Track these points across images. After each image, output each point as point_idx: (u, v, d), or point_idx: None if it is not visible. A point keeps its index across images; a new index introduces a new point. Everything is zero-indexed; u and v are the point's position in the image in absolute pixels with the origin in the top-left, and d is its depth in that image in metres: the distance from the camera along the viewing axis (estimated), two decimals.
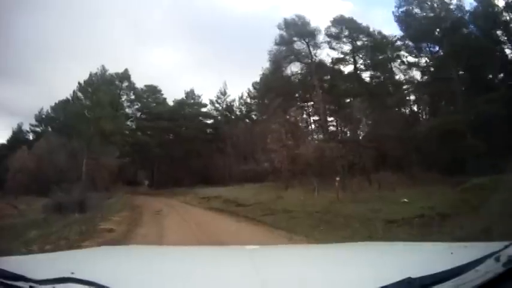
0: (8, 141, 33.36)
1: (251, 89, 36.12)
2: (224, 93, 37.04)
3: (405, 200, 10.01)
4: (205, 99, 37.84)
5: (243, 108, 37.81)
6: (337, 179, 14.74)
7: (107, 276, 1.06)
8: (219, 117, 37.22)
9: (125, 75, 34.61)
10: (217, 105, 37.49)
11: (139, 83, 36.33)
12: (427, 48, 21.73)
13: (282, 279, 1.18)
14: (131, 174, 38.72)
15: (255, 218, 10.88)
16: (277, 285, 1.12)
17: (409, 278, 0.92)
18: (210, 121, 38.02)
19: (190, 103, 37.50)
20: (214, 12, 54.80)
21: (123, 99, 35.65)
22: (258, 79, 32.22)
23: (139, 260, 1.68)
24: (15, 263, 1.32)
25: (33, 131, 35.02)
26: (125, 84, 35.26)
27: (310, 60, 25.07)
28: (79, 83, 29.96)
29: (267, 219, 10.30)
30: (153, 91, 37.25)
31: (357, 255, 1.70)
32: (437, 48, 21.12)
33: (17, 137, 33.67)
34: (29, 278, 1.00)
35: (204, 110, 37.81)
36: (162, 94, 37.75)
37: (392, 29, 37.82)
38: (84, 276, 1.00)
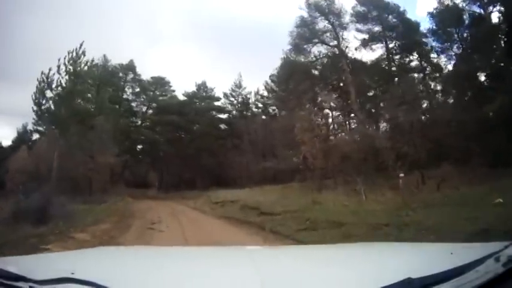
0: (12, 141, 32.35)
1: (268, 81, 32.30)
2: (239, 86, 33.11)
3: (500, 200, 7.33)
4: (218, 93, 34.24)
5: (260, 103, 33.84)
6: (401, 175, 11.60)
7: (107, 276, 1.06)
8: (234, 112, 33.54)
9: (130, 67, 31.95)
10: (231, 98, 33.56)
11: (146, 75, 33.37)
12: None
13: (282, 280, 1.18)
14: (141, 176, 36.51)
15: (289, 234, 7.68)
16: (277, 285, 1.12)
17: (409, 278, 0.92)
18: (224, 116, 34.43)
19: (202, 96, 33.83)
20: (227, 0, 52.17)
21: (127, 93, 32.92)
22: (274, 72, 29.40)
23: (139, 260, 1.68)
24: (15, 263, 1.32)
25: (37, 130, 33.92)
26: (130, 76, 32.37)
27: (336, 42, 22.20)
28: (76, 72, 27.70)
29: (307, 236, 7.15)
30: (160, 83, 33.92)
31: (357, 255, 1.70)
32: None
33: (22, 138, 32.67)
34: (29, 278, 1.00)
35: (217, 103, 34.23)
36: (171, 86, 34.31)
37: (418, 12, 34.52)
38: (84, 276, 1.00)
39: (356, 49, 22.09)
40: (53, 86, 19.35)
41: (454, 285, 0.92)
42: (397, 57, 22.17)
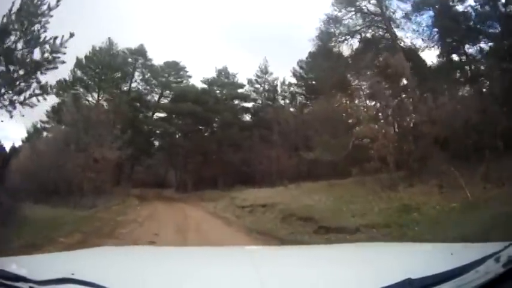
0: (22, 141, 30.67)
1: (296, 68, 28.27)
2: (265, 71, 28.97)
3: None
4: (241, 79, 29.82)
5: (287, 92, 29.32)
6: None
7: (107, 277, 1.06)
8: (260, 100, 29.43)
9: (140, 51, 28.33)
10: (257, 85, 29.30)
11: (159, 60, 29.49)
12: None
13: (281, 280, 1.18)
14: (160, 175, 33.57)
15: None
16: (277, 285, 1.12)
17: (409, 278, 0.92)
18: (248, 105, 30.17)
19: (223, 83, 29.44)
20: None
21: (137, 80, 29.01)
22: (303, 57, 26.40)
23: (139, 260, 1.68)
24: (15, 264, 1.32)
25: (44, 128, 29.57)
26: (140, 61, 28.62)
27: (380, 10, 19.51)
28: (77, 59, 23.72)
29: None
30: (175, 68, 29.91)
31: (357, 255, 1.70)
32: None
33: (32, 137, 30.63)
34: (29, 279, 1.00)
35: (240, 91, 29.94)
36: (187, 71, 30.12)
37: None
38: (84, 276, 1.00)
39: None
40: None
41: (454, 285, 0.92)
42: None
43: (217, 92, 29.38)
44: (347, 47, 21.09)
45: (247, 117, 30.21)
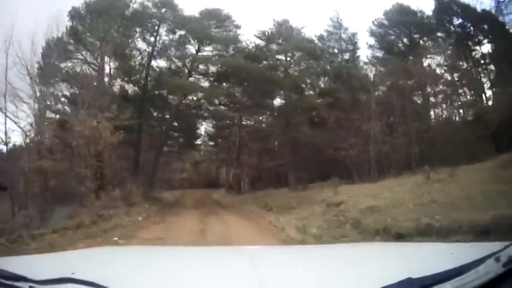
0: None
1: (373, 28, 21.51)
2: (338, 27, 21.85)
3: None
4: (308, 34, 21.82)
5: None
6: None
7: (107, 276, 1.06)
8: (340, 59, 21.89)
9: (166, 2, 19.86)
10: (330, 43, 22.04)
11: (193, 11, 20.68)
12: None
13: (281, 280, 1.18)
14: (211, 172, 27.83)
15: None
16: (277, 285, 1.12)
17: (410, 278, 0.92)
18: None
19: (287, 36, 21.14)
20: None
21: (162, 34, 20.03)
22: (381, 15, 20.69)
23: (139, 260, 1.68)
24: (15, 263, 1.33)
25: None
26: (167, 15, 19.84)
27: None
28: (73, 8, 17.54)
29: None
30: (216, 17, 20.81)
31: (357, 255, 1.70)
32: None
33: None
34: (29, 278, 1.00)
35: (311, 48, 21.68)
36: (234, 21, 20.97)
37: None
38: (84, 276, 1.00)
39: None
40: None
41: (454, 285, 0.92)
42: None
43: (281, 45, 21.32)
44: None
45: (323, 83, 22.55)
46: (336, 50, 22.34)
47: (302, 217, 9.28)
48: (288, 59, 21.29)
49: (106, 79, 16.51)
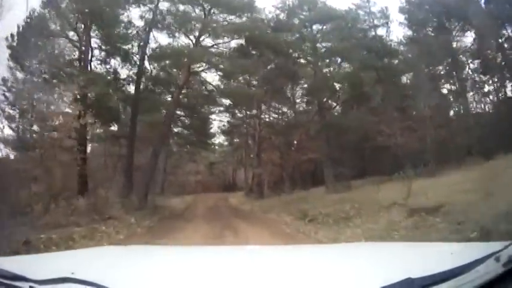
0: None
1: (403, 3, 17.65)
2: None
3: None
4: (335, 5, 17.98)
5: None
6: None
7: (107, 276, 1.06)
8: (374, 33, 17.92)
9: None
10: (364, 15, 18.18)
11: None
12: None
13: (281, 279, 1.18)
14: (228, 175, 24.82)
15: None
16: (277, 285, 1.12)
17: (409, 278, 0.92)
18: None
19: (311, 6, 17.44)
20: None
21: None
22: None
23: (139, 260, 1.68)
24: (15, 263, 1.33)
25: None
26: None
27: None
28: None
29: None
30: None
31: (357, 255, 1.70)
32: None
33: None
34: (29, 278, 1.00)
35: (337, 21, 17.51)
36: None
37: None
38: (84, 276, 1.00)
39: None
40: None
41: (454, 285, 0.92)
42: None
43: (305, 17, 17.65)
44: None
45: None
46: (366, 26, 18.45)
47: (378, 233, 6.13)
48: (317, 29, 17.51)
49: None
